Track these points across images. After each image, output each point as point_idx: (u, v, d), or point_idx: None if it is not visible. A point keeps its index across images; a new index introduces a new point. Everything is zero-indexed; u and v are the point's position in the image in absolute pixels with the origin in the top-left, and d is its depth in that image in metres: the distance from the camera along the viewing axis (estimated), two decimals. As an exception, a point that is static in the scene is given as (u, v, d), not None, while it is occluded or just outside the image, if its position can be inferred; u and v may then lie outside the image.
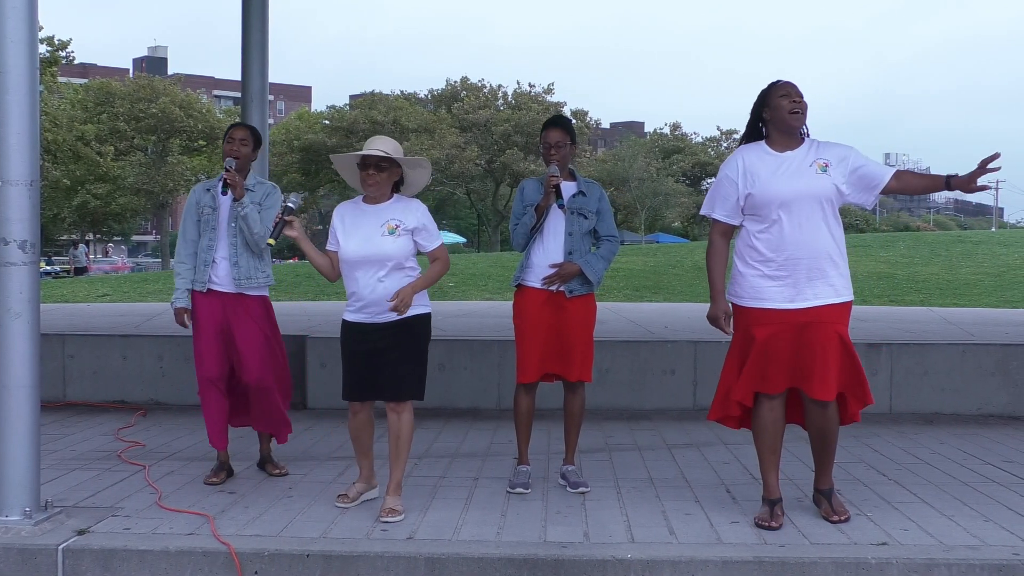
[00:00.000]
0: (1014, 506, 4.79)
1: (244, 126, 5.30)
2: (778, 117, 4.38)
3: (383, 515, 4.43)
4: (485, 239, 60.95)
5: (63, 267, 45.73)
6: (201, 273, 5.09)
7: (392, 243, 4.45)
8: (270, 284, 5.20)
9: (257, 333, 5.11)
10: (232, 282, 5.08)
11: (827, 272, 4.33)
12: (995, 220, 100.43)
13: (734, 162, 4.47)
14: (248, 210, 4.99)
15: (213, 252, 5.08)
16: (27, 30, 4.21)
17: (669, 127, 69.30)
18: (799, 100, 4.35)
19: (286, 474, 5.31)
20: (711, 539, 4.23)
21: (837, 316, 4.36)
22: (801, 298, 4.32)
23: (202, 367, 5.11)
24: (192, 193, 5.25)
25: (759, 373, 4.42)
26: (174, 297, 5.16)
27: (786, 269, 4.32)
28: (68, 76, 53.59)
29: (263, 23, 8.11)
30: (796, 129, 4.39)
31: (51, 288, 18.39)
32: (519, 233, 5.05)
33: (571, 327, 5.00)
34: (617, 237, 5.20)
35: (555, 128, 5.04)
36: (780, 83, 4.42)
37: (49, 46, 35.98)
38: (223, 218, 5.09)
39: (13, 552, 4.03)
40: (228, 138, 5.16)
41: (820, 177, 4.33)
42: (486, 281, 18.76)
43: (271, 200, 5.13)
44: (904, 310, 13.80)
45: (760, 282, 4.38)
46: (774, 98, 4.39)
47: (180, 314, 5.15)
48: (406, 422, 4.56)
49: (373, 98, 56.23)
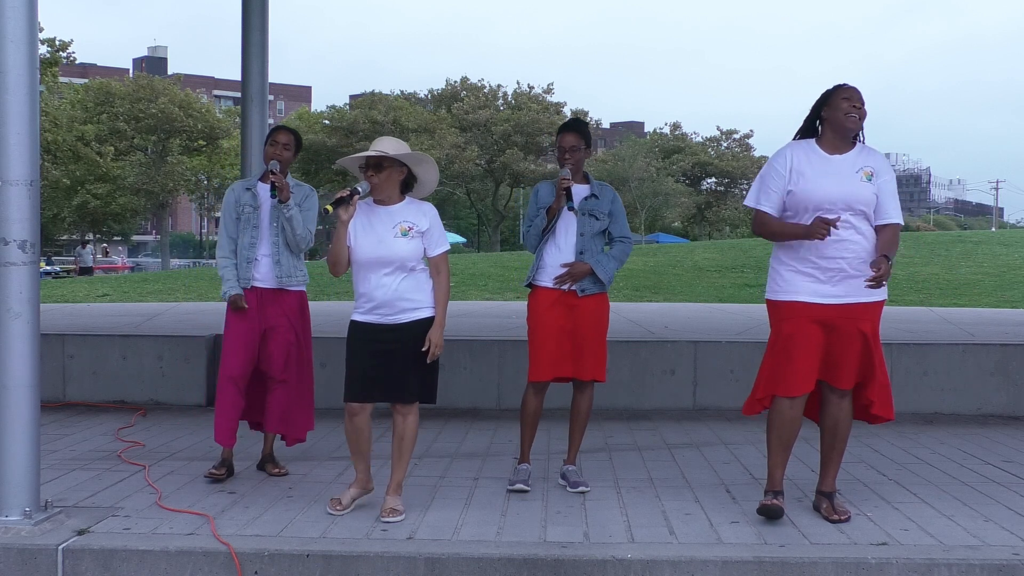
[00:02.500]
0: (1014, 506, 4.79)
1: (288, 130, 5.39)
2: (835, 118, 4.42)
3: (384, 515, 4.43)
4: (485, 239, 60.99)
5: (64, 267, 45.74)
6: (244, 270, 5.19)
7: (405, 245, 4.44)
8: (306, 282, 5.33)
9: (288, 332, 5.24)
10: (274, 279, 5.20)
11: (864, 271, 4.35)
12: (995, 220, 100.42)
13: (783, 156, 4.49)
14: (294, 211, 5.11)
15: (256, 250, 5.18)
16: (27, 30, 4.21)
17: (669, 127, 69.36)
18: (859, 106, 4.41)
19: (286, 474, 5.31)
20: (711, 539, 4.23)
21: (869, 315, 4.43)
22: (834, 294, 4.37)
23: (226, 363, 5.17)
24: (230, 192, 5.33)
25: (783, 371, 4.43)
26: (226, 288, 5.18)
27: (823, 270, 4.37)
28: (68, 76, 53.57)
29: (263, 23, 8.11)
30: (850, 132, 4.44)
31: (51, 288, 18.40)
32: (531, 235, 5.08)
33: (584, 326, 5.01)
34: (630, 239, 5.22)
35: (570, 132, 5.09)
36: (845, 86, 4.48)
37: (50, 46, 35.98)
38: (265, 217, 5.19)
39: (13, 552, 4.03)
40: (272, 141, 5.26)
41: (864, 185, 4.39)
42: (486, 281, 18.77)
43: (309, 202, 5.26)
44: (904, 310, 13.80)
45: (796, 278, 4.42)
46: (836, 99, 4.43)
47: (238, 299, 5.15)
48: (411, 424, 4.54)
49: (373, 98, 56.26)
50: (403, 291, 4.45)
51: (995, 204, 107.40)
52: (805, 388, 4.44)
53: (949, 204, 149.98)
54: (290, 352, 5.24)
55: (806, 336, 4.38)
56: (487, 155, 56.10)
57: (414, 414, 4.55)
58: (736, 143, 67.35)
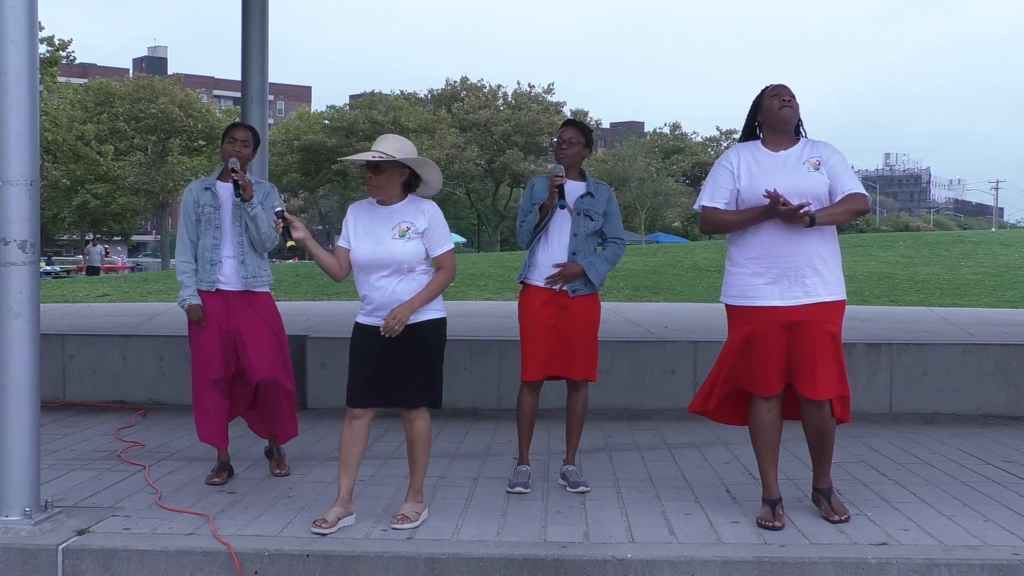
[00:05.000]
0: (1014, 506, 4.79)
1: (245, 126, 5.27)
2: (770, 116, 4.46)
3: (393, 521, 4.34)
4: (485, 239, 60.98)
5: (64, 267, 45.70)
6: (208, 273, 5.04)
7: (402, 247, 4.33)
8: (270, 282, 5.20)
9: (266, 330, 5.10)
10: (240, 280, 5.06)
11: (818, 270, 4.34)
12: (995, 220, 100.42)
13: (729, 156, 4.55)
14: (258, 210, 4.98)
15: (220, 251, 5.05)
16: (27, 30, 4.21)
17: (669, 127, 69.44)
18: (789, 99, 4.44)
19: (287, 474, 5.30)
20: (711, 539, 4.23)
21: (829, 315, 4.36)
22: (791, 295, 4.34)
23: (206, 368, 5.05)
24: (188, 192, 5.17)
25: (745, 371, 4.44)
26: (184, 295, 5.06)
27: (777, 267, 4.34)
28: (68, 76, 53.60)
29: (263, 23, 8.11)
30: (788, 124, 4.45)
31: (51, 288, 18.40)
32: (524, 230, 5.06)
33: (574, 326, 5.00)
34: (623, 240, 5.20)
35: (570, 126, 5.12)
36: (770, 86, 4.53)
37: (49, 46, 35.97)
38: (227, 216, 5.06)
39: (13, 552, 4.03)
40: (230, 138, 5.12)
41: (811, 175, 4.38)
42: (486, 281, 18.77)
43: (271, 200, 5.10)
44: (904, 310, 13.80)
45: (751, 280, 4.40)
46: (765, 100, 4.49)
47: (196, 310, 5.03)
48: (419, 429, 4.43)
49: (373, 98, 56.27)
50: (401, 294, 4.34)
51: (995, 204, 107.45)
52: (775, 388, 4.42)
53: (949, 204, 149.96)
54: (272, 351, 5.09)
55: (766, 337, 4.37)
56: (487, 155, 56.10)
57: (422, 419, 4.43)
58: (736, 143, 67.34)
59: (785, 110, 4.42)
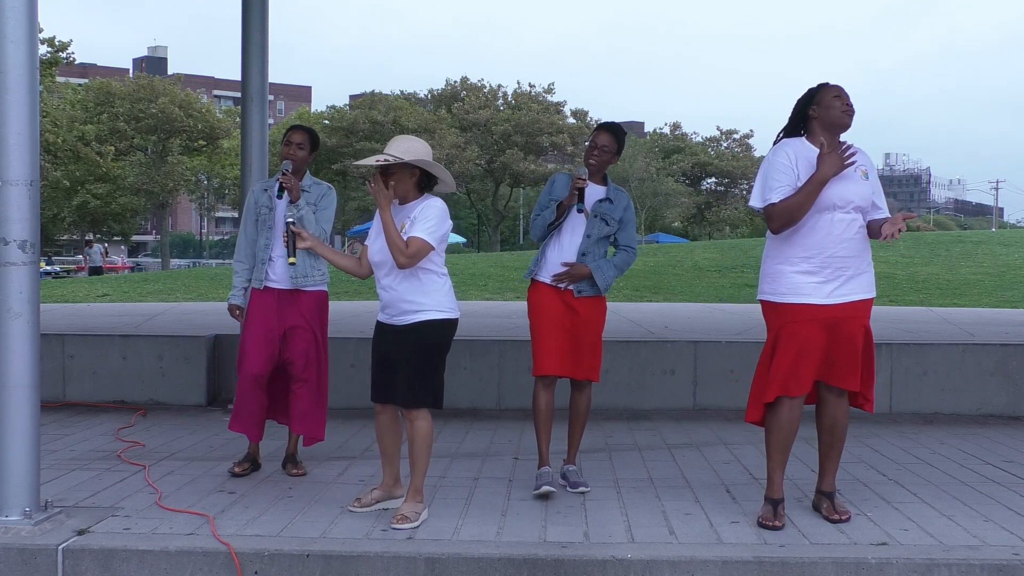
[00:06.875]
0: (1014, 506, 4.79)
1: (303, 129, 5.39)
2: (830, 116, 4.40)
3: (393, 521, 4.35)
4: (485, 239, 60.99)
5: (64, 267, 45.68)
6: (259, 271, 5.25)
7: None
8: (327, 281, 5.35)
9: (306, 332, 5.25)
10: (289, 280, 5.22)
11: (863, 270, 4.42)
12: (995, 220, 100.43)
13: (783, 151, 4.44)
14: (303, 212, 5.10)
15: (270, 251, 5.22)
16: (27, 30, 4.21)
17: (669, 127, 69.40)
18: (849, 103, 4.43)
19: (304, 474, 5.33)
20: (711, 539, 4.23)
21: (866, 311, 4.47)
22: (838, 293, 4.38)
23: (247, 363, 5.19)
24: (250, 193, 5.42)
25: (791, 373, 4.40)
26: (231, 294, 5.39)
27: (828, 267, 4.36)
28: (68, 76, 53.60)
29: (263, 23, 8.10)
30: (846, 129, 4.45)
31: (51, 288, 18.41)
32: (538, 225, 5.06)
33: (580, 327, 5.01)
34: (635, 249, 5.18)
35: (606, 132, 5.06)
36: (831, 84, 4.48)
37: (50, 47, 35.95)
38: (279, 218, 5.21)
39: (13, 552, 4.03)
40: (286, 141, 5.28)
41: (863, 184, 4.44)
42: (486, 281, 18.78)
43: (326, 201, 5.28)
44: (904, 310, 13.81)
45: (801, 278, 4.38)
46: (827, 98, 4.42)
47: (233, 310, 5.37)
48: (418, 429, 4.44)
49: (373, 98, 56.28)
50: (403, 292, 4.39)
51: (995, 204, 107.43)
52: (807, 387, 4.44)
53: (949, 204, 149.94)
54: (309, 352, 5.26)
55: (809, 337, 4.37)
56: (487, 155, 56.11)
57: (421, 419, 4.44)
58: (736, 143, 67.35)
59: (847, 116, 4.41)
